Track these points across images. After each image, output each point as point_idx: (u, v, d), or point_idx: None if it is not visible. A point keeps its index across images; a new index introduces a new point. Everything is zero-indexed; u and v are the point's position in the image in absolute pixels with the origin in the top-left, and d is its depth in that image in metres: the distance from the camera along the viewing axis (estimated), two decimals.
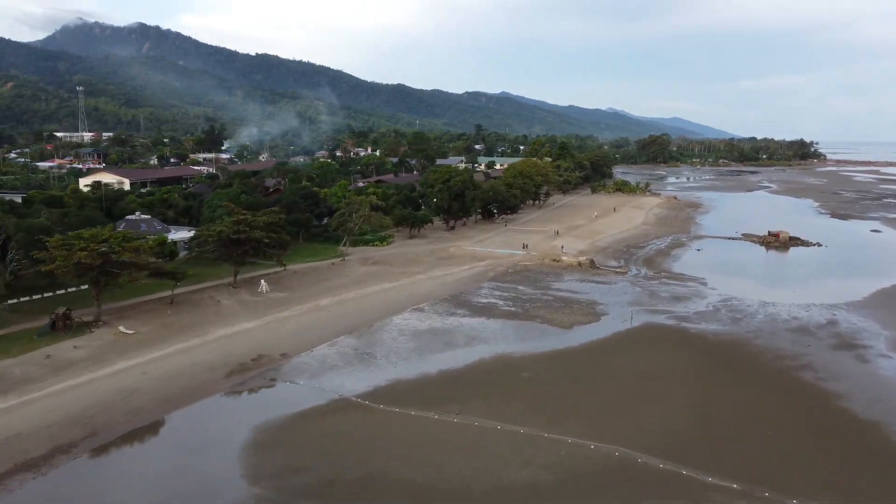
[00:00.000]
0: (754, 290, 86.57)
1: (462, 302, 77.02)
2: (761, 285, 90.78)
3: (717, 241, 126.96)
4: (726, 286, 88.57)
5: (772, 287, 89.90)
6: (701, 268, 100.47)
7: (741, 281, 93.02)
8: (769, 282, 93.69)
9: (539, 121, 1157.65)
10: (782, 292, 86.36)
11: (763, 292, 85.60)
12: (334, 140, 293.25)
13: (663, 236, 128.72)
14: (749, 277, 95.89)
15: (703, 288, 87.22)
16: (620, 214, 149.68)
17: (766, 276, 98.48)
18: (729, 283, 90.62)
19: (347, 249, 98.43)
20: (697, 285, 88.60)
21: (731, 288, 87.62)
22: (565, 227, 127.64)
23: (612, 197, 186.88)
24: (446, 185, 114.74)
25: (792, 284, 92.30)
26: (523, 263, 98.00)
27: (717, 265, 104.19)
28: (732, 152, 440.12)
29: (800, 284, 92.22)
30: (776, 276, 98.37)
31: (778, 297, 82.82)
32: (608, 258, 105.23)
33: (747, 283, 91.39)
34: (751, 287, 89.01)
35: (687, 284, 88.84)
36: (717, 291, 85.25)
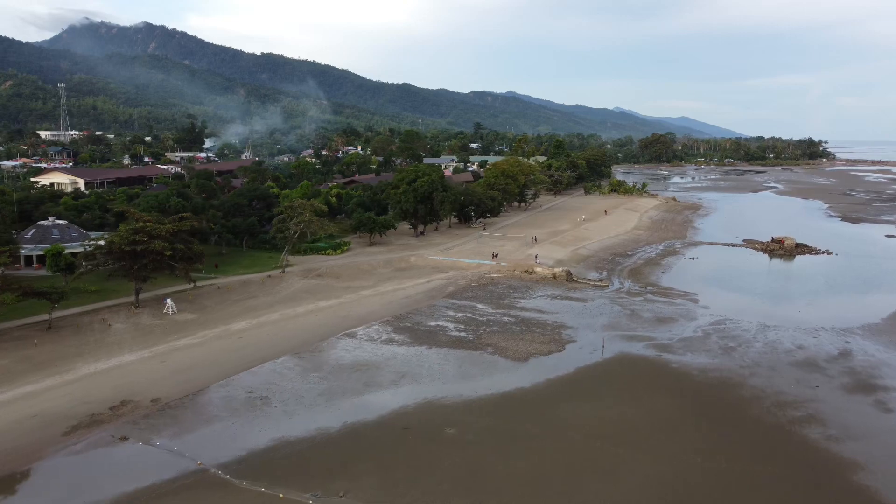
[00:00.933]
0: (753, 309, 73.82)
1: (405, 325, 64.69)
2: (762, 303, 77.94)
3: (716, 248, 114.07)
4: (721, 304, 75.90)
5: (774, 305, 77.04)
6: (694, 280, 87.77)
7: (738, 297, 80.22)
8: (771, 298, 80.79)
9: (545, 120, 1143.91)
10: (786, 312, 73.56)
11: (763, 312, 72.86)
12: (324, 138, 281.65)
13: (656, 243, 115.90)
14: (748, 293, 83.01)
15: (694, 306, 74.55)
16: (611, 218, 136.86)
17: (768, 290, 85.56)
18: (724, 300, 77.93)
19: (291, 259, 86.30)
20: (687, 303, 75.95)
21: (726, 306, 74.96)
22: (548, 233, 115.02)
23: (607, 198, 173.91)
24: (411, 186, 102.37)
25: (797, 302, 79.41)
26: (491, 275, 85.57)
27: (712, 277, 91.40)
28: (738, 152, 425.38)
29: (806, 302, 79.30)
30: (779, 292, 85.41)
31: (780, 318, 70.07)
32: (589, 269, 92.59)
33: (745, 300, 78.62)
34: (749, 305, 76.24)
35: (675, 301, 76.18)
36: (710, 311, 72.58)
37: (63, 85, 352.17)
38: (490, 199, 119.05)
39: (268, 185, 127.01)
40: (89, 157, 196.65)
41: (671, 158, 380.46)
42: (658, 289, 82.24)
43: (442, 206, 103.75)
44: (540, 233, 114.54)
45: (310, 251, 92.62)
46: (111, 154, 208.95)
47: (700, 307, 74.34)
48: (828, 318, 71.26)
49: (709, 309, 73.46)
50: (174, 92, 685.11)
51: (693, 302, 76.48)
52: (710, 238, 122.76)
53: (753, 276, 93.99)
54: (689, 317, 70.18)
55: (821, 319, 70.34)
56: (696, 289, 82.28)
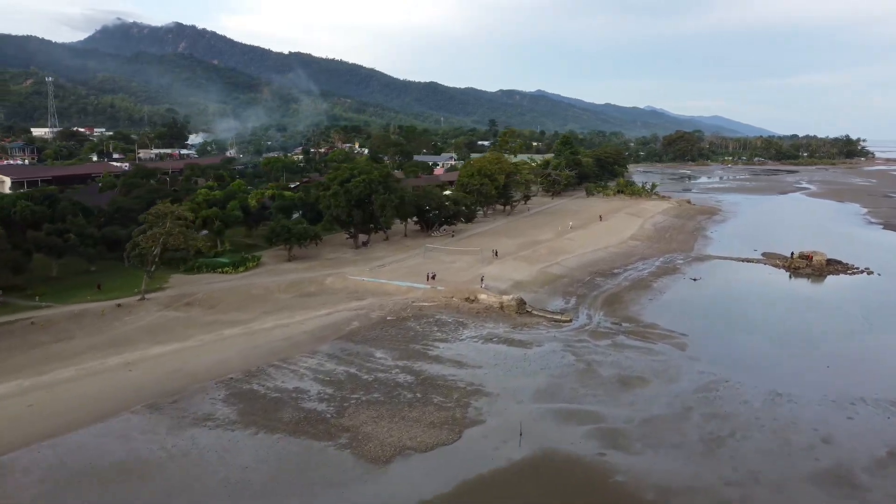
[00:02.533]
0: (762, 363, 52.04)
1: (247, 389, 44.44)
2: (775, 351, 55.85)
3: (727, 264, 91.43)
4: (717, 352, 54.28)
5: (792, 355, 54.93)
6: (688, 313, 65.95)
7: (744, 341, 58.24)
8: (789, 343, 58.52)
9: (573, 119, 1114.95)
10: (808, 368, 51.51)
11: (776, 367, 51.07)
12: (321, 135, 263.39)
13: (653, 257, 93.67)
14: (758, 333, 60.81)
15: (679, 356, 52.94)
16: (606, 225, 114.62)
17: (787, 329, 63.14)
18: (723, 346, 56.20)
19: (171, 281, 66.68)
20: (671, 350, 54.33)
21: (723, 356, 53.36)
22: (520, 244, 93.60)
23: (611, 201, 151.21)
24: (343, 187, 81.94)
25: (826, 348, 56.99)
26: (420, 304, 64.76)
27: (713, 308, 69.36)
28: (769, 150, 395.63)
29: (839, 351, 56.75)
30: (801, 331, 62.94)
31: (800, 379, 48.26)
32: (555, 294, 71.14)
33: (753, 346, 56.62)
34: (757, 354, 54.33)
35: (654, 348, 54.60)
36: (700, 365, 51.03)
37: (52, 79, 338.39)
38: (454, 203, 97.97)
39: (209, 185, 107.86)
40: (54, 154, 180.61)
41: (696, 157, 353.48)
42: (636, 326, 60.54)
43: (383, 212, 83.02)
44: (512, 244, 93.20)
45: (205, 268, 72.83)
46: (80, 151, 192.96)
47: (687, 358, 52.64)
48: (869, 379, 49.03)
49: (699, 361, 51.75)
50: (198, 90, 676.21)
51: (679, 348, 54.76)
52: (722, 251, 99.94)
53: (769, 305, 71.32)
54: (668, 375, 48.57)
55: (859, 382, 48.18)
56: (687, 326, 60.43)
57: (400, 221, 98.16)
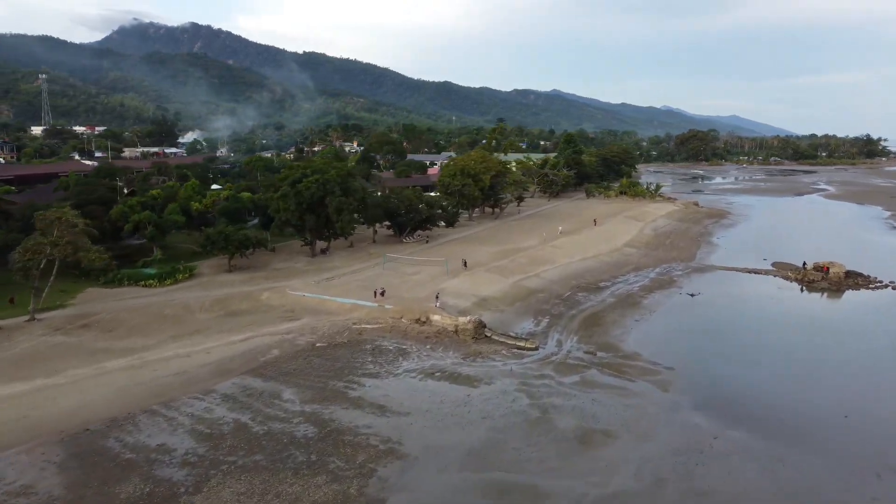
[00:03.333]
0: (760, 410, 41.32)
1: (89, 450, 34.81)
2: (779, 393, 45.06)
3: (731, 276, 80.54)
4: (707, 393, 43.82)
5: (801, 399, 44.11)
6: (678, 338, 55.49)
7: (742, 375, 47.61)
8: (799, 381, 47.72)
9: (588, 118, 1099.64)
10: (821, 418, 40.79)
11: (778, 418, 40.26)
12: (319, 133, 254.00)
13: (648, 267, 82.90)
14: (761, 366, 50.07)
15: (660, 399, 42.54)
16: (601, 230, 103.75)
17: (796, 360, 52.27)
18: (715, 385, 45.66)
19: (78, 296, 57.17)
20: (651, 390, 43.90)
21: (715, 398, 42.85)
22: (499, 252, 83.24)
23: (611, 203, 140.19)
24: (294, 188, 72.02)
25: (845, 391, 46.07)
26: (362, 326, 54.73)
27: (709, 332, 58.63)
28: (786, 150, 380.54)
29: (860, 393, 45.80)
30: (814, 364, 52.02)
31: (809, 436, 37.49)
32: (525, 314, 60.82)
33: (752, 385, 45.97)
34: (756, 397, 43.66)
35: (631, 387, 44.18)
36: (683, 412, 40.68)
37: (45, 76, 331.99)
38: (429, 206, 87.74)
39: (169, 185, 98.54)
40: (33, 152, 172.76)
41: (710, 157, 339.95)
42: (614, 357, 50.01)
43: (339, 216, 72.94)
44: (488, 252, 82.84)
45: (126, 281, 63.29)
46: (62, 149, 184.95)
47: (670, 402, 42.19)
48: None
49: (682, 408, 41.19)
50: (210, 89, 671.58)
51: (661, 388, 44.27)
52: (728, 260, 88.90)
53: (776, 328, 60.45)
54: (642, 428, 38.20)
55: (885, 436, 37.43)
56: (675, 357, 49.89)
57: (367, 226, 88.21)
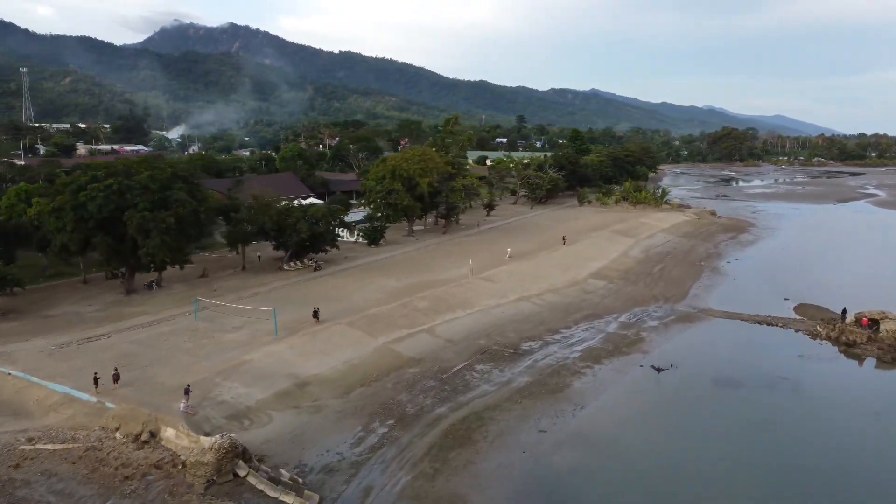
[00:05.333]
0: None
1: None
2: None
3: (732, 327, 54.26)
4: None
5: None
6: (591, 488, 29.49)
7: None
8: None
9: (626, 117, 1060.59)
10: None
11: None
12: (309, 130, 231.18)
13: (613, 313, 56.91)
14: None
15: None
16: (569, 251, 77.62)
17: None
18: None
19: None
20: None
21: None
22: (401, 289, 58.43)
23: (607, 211, 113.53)
24: (75, 198, 48.32)
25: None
26: (38, 447, 30.76)
27: (666, 468, 32.39)
28: (832, 149, 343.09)
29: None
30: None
31: None
32: (360, 411, 36.23)
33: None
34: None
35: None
36: None
37: (26, 69, 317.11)
38: (314, 224, 62.93)
39: None
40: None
41: (745, 157, 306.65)
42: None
43: (146, 239, 48.88)
44: (387, 288, 58.12)
45: None
46: (27, 145, 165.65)
47: None
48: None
49: None
50: (238, 88, 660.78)
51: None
52: (733, 299, 62.22)
53: (789, 448, 33.98)
54: None
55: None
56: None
57: (230, 249, 64.29)
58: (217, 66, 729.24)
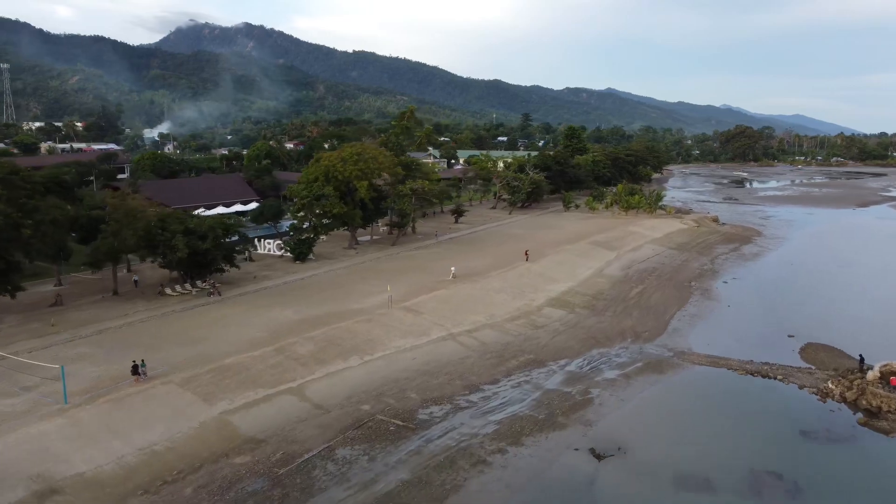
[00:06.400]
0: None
1: None
2: None
3: (715, 380, 40.75)
4: None
5: None
6: None
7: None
8: None
9: (641, 117, 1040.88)
10: None
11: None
12: (298, 128, 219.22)
13: (562, 358, 43.70)
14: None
15: None
16: (529, 270, 64.27)
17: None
18: None
19: None
20: None
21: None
22: (290, 326, 45.43)
23: (592, 217, 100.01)
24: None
25: None
26: None
27: None
28: (851, 149, 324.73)
29: None
30: None
31: None
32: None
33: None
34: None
35: None
36: None
37: (7, 66, 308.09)
38: (214, 237, 50.33)
39: None
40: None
41: (759, 156, 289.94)
42: None
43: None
44: (284, 322, 45.57)
45: None
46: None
47: None
48: None
49: None
50: (248, 87, 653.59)
51: None
52: (722, 336, 48.83)
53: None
54: None
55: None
56: None
57: (92, 271, 51.83)
58: (229, 66, 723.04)
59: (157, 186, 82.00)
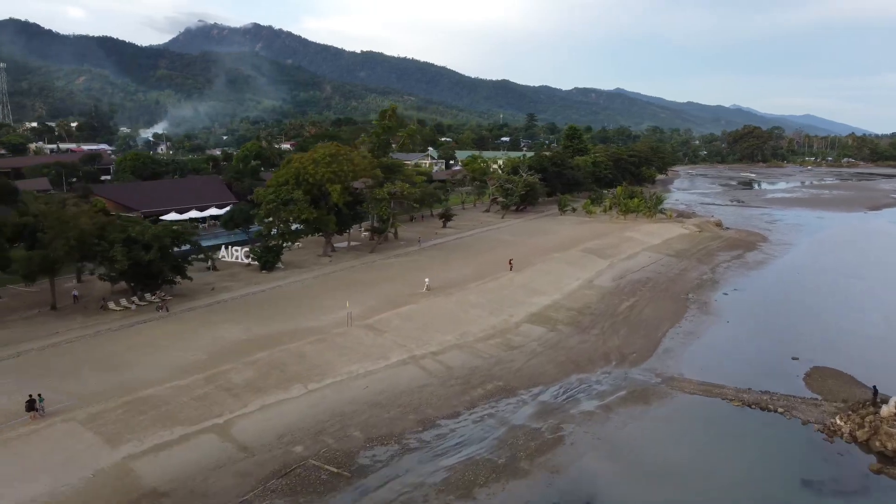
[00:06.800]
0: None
1: None
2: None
3: (707, 412, 35.75)
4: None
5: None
6: None
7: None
8: None
9: (650, 117, 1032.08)
10: None
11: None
12: (297, 128, 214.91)
13: (537, 385, 38.84)
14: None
15: None
16: (513, 280, 59.35)
17: None
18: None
19: None
20: None
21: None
22: (238, 346, 40.69)
23: (588, 222, 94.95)
24: None
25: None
26: None
27: None
28: (862, 150, 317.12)
29: None
30: None
31: None
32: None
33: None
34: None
35: None
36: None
37: (4, 65, 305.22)
38: (159, 246, 45.76)
39: None
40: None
41: (768, 157, 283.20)
42: None
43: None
44: (228, 343, 41.15)
45: None
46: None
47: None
48: None
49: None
50: (256, 88, 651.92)
51: None
52: (718, 358, 43.84)
53: None
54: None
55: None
56: None
57: (26, 283, 47.39)
58: (234, 66, 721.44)
59: (126, 189, 77.67)
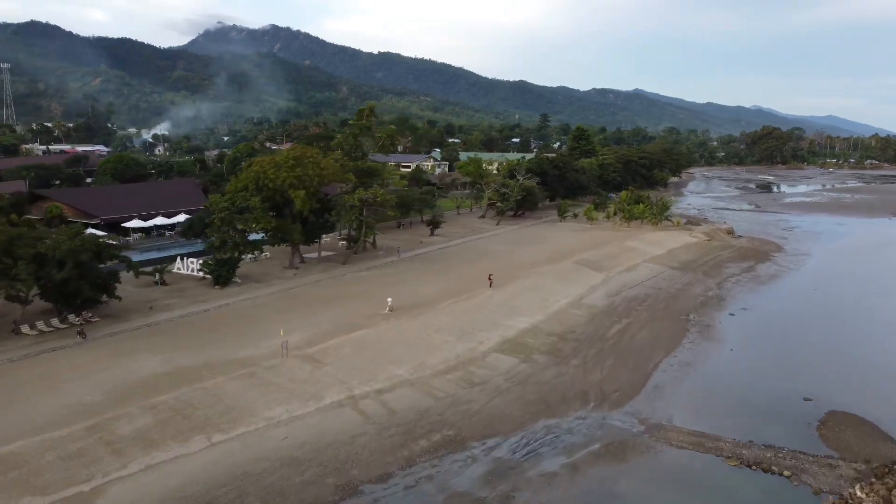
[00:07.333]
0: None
1: None
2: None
3: (696, 476, 29.15)
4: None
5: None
6: None
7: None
8: None
9: (669, 118, 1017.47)
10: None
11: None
12: (300, 129, 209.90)
13: (486, 438, 32.43)
14: None
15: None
16: (490, 299, 52.78)
17: None
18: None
19: None
20: None
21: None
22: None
23: (588, 230, 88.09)
24: None
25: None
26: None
27: None
28: (887, 151, 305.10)
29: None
30: None
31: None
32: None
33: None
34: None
35: None
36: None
37: (8, 65, 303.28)
38: (76, 263, 40.07)
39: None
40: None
41: (788, 159, 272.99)
42: None
43: None
44: (142, 377, 35.43)
45: None
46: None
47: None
48: None
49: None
50: (270, 89, 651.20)
51: None
52: (715, 398, 37.00)
53: None
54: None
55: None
56: None
57: None
58: (250, 68, 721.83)
59: (89, 194, 72.49)
